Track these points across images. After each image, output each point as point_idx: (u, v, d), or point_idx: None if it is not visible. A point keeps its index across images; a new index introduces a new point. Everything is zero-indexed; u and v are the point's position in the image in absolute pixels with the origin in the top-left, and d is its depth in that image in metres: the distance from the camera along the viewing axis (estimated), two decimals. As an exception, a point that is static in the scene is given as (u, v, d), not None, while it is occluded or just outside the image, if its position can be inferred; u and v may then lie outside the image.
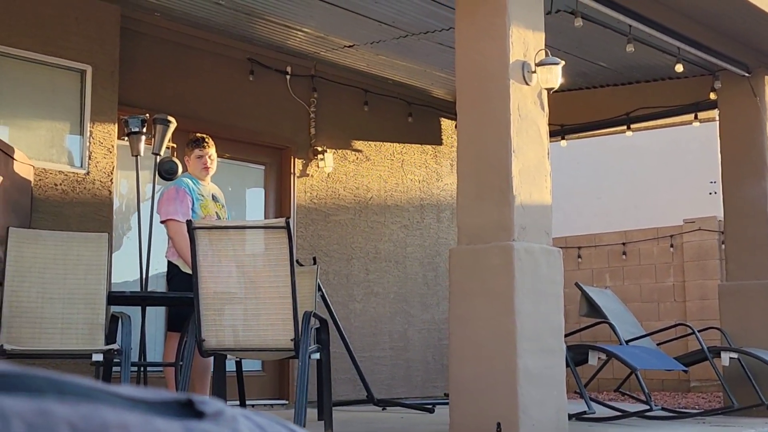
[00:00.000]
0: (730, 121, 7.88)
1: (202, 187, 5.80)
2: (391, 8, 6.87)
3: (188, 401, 0.49)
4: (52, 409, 0.43)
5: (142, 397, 0.48)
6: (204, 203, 5.72)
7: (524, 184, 5.08)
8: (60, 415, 0.43)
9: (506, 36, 5.14)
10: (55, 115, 6.31)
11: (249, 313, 4.56)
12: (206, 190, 5.83)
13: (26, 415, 0.42)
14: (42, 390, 0.44)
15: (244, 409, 0.53)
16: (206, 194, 5.79)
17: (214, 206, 5.80)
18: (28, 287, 4.71)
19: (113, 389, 0.47)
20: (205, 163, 5.79)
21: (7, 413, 0.41)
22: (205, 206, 5.71)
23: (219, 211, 5.83)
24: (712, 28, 7.03)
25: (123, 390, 0.48)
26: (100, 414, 0.44)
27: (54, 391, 0.44)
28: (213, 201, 5.81)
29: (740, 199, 7.73)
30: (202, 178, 5.82)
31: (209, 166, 5.82)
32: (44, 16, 6.24)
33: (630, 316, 7.89)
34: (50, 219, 6.07)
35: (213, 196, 5.84)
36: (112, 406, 0.45)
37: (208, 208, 5.73)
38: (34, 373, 0.45)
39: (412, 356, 8.89)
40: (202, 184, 5.81)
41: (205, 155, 5.79)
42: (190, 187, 5.70)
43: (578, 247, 11.56)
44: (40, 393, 0.44)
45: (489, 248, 5.02)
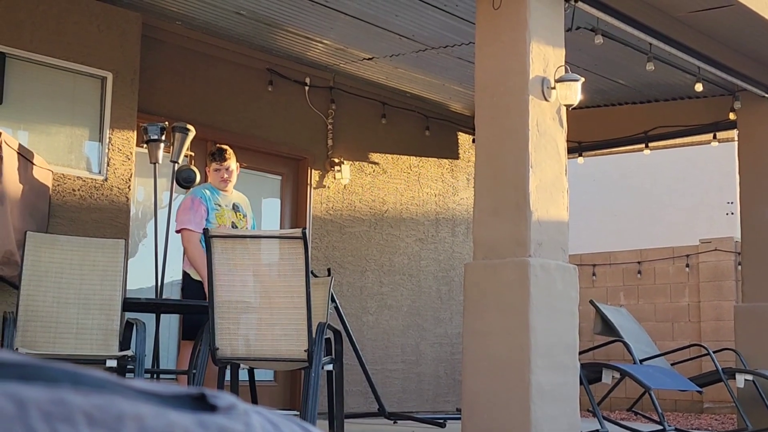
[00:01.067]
0: (749, 142, 7.85)
1: (221, 196, 5.82)
2: (411, 22, 6.88)
3: (201, 395, 0.50)
4: (69, 399, 0.44)
5: (156, 390, 0.49)
6: (220, 213, 5.72)
7: (541, 200, 5.07)
8: (76, 405, 0.43)
9: (526, 52, 5.14)
10: (75, 121, 6.35)
11: (263, 322, 4.56)
12: (227, 199, 5.84)
13: (43, 404, 0.43)
14: (58, 380, 0.45)
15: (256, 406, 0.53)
16: (225, 204, 5.80)
17: (233, 216, 5.80)
18: (44, 291, 4.72)
19: (127, 382, 0.48)
20: (222, 176, 5.81)
21: (25, 402, 0.42)
22: (220, 216, 5.72)
23: (237, 220, 5.82)
24: (732, 48, 7.01)
25: (137, 383, 0.49)
26: (115, 404, 0.45)
27: (70, 382, 0.45)
28: (233, 210, 5.81)
29: (758, 221, 7.68)
30: (222, 189, 5.84)
31: (226, 179, 5.83)
32: (67, 23, 6.28)
33: (644, 335, 7.85)
34: (67, 224, 6.09)
35: (234, 206, 5.85)
36: (127, 398, 0.46)
37: (223, 218, 5.72)
38: (51, 365, 0.46)
39: (424, 370, 8.86)
40: (222, 194, 5.83)
41: (223, 168, 5.81)
42: (206, 197, 5.72)
43: (593, 265, 11.51)
44: (56, 383, 0.45)
45: (504, 263, 5.01)
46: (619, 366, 6.62)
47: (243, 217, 5.89)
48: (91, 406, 0.44)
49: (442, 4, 6.45)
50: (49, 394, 0.43)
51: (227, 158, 5.84)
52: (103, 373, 0.47)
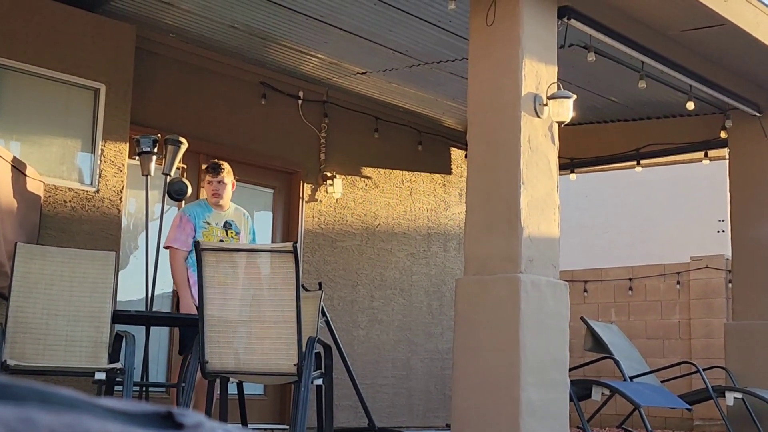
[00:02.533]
0: (740, 160, 7.88)
1: (212, 214, 5.76)
2: (405, 37, 6.90)
3: (168, 413, 0.50)
4: (36, 417, 0.43)
5: (123, 408, 0.49)
6: (207, 231, 5.70)
7: (533, 216, 5.08)
8: (43, 423, 0.43)
9: (519, 68, 5.16)
10: (68, 132, 6.34)
11: (253, 336, 4.55)
12: (219, 217, 5.78)
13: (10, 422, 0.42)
14: (26, 399, 0.45)
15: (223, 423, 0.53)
16: (216, 222, 5.75)
17: (222, 234, 5.75)
18: (33, 303, 4.71)
19: (95, 400, 0.48)
20: (214, 189, 5.76)
21: None
22: (207, 234, 5.69)
23: (227, 238, 5.77)
24: (724, 66, 7.04)
25: (105, 401, 0.48)
26: (83, 423, 0.45)
27: (38, 400, 0.45)
28: (223, 228, 5.76)
29: (748, 239, 7.71)
30: (213, 204, 5.79)
31: (219, 194, 5.76)
32: (60, 34, 6.28)
33: (635, 352, 7.85)
34: (58, 235, 6.08)
35: (227, 224, 5.78)
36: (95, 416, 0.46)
37: (210, 236, 5.69)
38: (19, 383, 0.46)
39: (415, 385, 8.85)
40: (215, 211, 5.77)
41: (215, 182, 5.75)
42: (195, 214, 5.70)
43: (584, 281, 11.52)
44: (24, 401, 0.44)
45: (496, 279, 5.01)
46: (609, 383, 6.62)
47: (235, 234, 5.82)
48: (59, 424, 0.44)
49: (435, 19, 6.47)
50: (17, 413, 0.43)
51: (220, 172, 5.77)
52: (71, 391, 0.47)
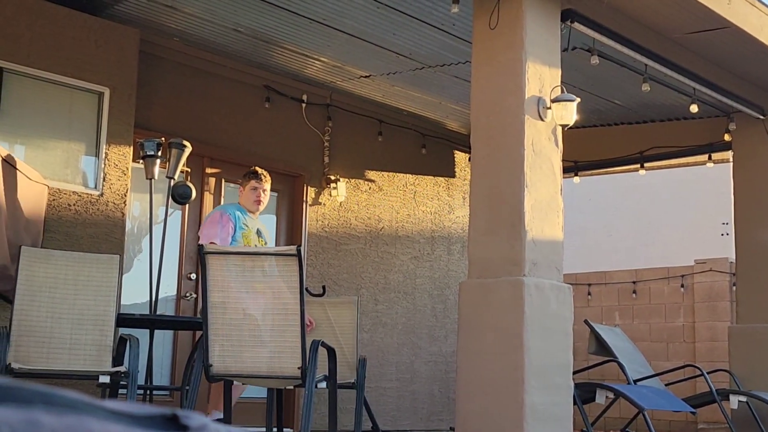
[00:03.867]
0: (743, 163, 7.87)
1: (248, 219, 5.79)
2: (408, 40, 6.91)
3: (173, 416, 0.50)
4: (40, 419, 0.44)
5: (128, 411, 0.49)
6: (246, 233, 5.68)
7: (536, 219, 5.08)
8: (47, 425, 0.44)
9: (522, 72, 5.16)
10: (72, 135, 6.35)
11: (257, 339, 4.55)
12: (253, 222, 5.81)
13: (15, 424, 0.43)
14: (30, 401, 0.45)
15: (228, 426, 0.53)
16: (251, 226, 5.77)
17: (257, 240, 5.76)
18: (37, 306, 4.71)
19: (99, 403, 0.48)
20: (258, 195, 5.80)
21: None
22: (246, 236, 5.67)
23: (260, 246, 5.75)
24: (728, 69, 7.04)
25: (109, 404, 0.49)
26: (86, 425, 0.45)
27: (42, 402, 0.45)
28: (256, 235, 5.78)
29: (753, 242, 7.70)
30: (253, 210, 5.81)
31: (262, 200, 5.82)
32: (64, 38, 6.30)
33: (639, 356, 7.84)
34: (62, 239, 6.09)
35: (258, 231, 5.82)
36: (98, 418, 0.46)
37: (249, 239, 5.68)
38: (23, 386, 0.46)
39: (419, 388, 8.84)
40: (249, 216, 5.80)
41: (260, 188, 5.81)
42: (235, 216, 5.69)
43: (588, 284, 11.51)
44: (28, 404, 0.45)
45: (499, 283, 5.01)
46: (612, 386, 6.61)
47: (265, 244, 5.86)
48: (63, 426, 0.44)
49: (439, 23, 6.48)
50: (21, 415, 0.43)
51: (266, 180, 5.86)
52: (75, 393, 0.47)
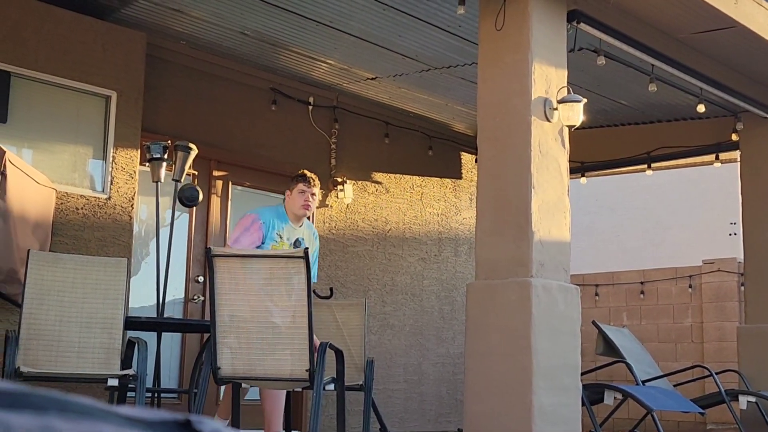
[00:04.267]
0: (751, 163, 7.85)
1: (287, 227, 5.43)
2: (414, 42, 6.91)
3: (186, 421, 0.50)
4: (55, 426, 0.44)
5: (141, 416, 0.49)
6: (277, 246, 5.33)
7: (543, 220, 5.08)
8: None
9: (529, 72, 5.16)
10: (79, 139, 6.37)
11: (265, 342, 4.56)
12: (291, 232, 5.45)
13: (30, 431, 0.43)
14: (45, 408, 0.46)
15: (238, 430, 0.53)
16: (287, 237, 5.41)
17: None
18: (46, 310, 4.72)
19: (113, 408, 0.49)
20: (306, 199, 5.43)
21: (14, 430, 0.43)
22: (276, 249, 5.31)
23: None
24: (735, 69, 7.03)
25: (122, 409, 0.49)
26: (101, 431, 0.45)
27: (57, 409, 0.46)
28: (292, 246, 5.40)
29: (761, 241, 7.68)
30: (299, 216, 5.46)
31: (310, 204, 5.46)
32: (72, 42, 6.31)
33: (647, 356, 7.83)
34: (70, 242, 6.10)
35: (297, 241, 5.45)
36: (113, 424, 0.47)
37: None
38: (38, 392, 0.47)
39: (426, 390, 8.84)
40: (290, 225, 5.45)
41: (308, 192, 5.43)
42: (269, 224, 5.36)
43: (596, 285, 11.49)
44: (43, 411, 0.45)
45: (506, 284, 5.01)
46: (621, 387, 6.60)
47: None
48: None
49: (445, 24, 6.48)
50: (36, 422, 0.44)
51: (316, 184, 5.50)
52: (89, 399, 0.48)
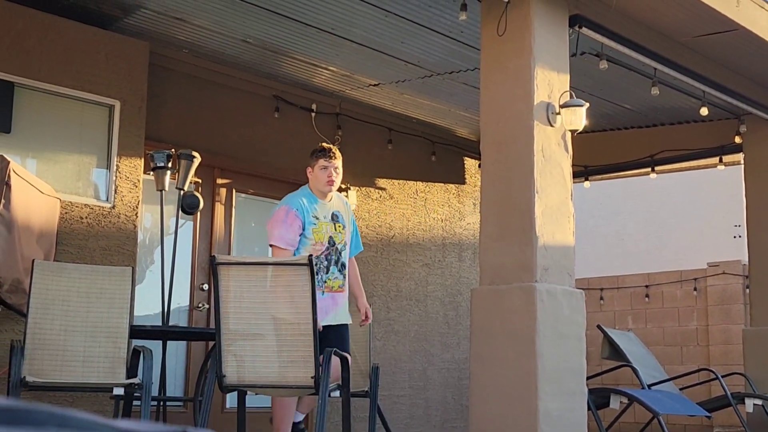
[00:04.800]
0: (755, 165, 7.85)
1: (319, 206, 5.16)
2: (416, 48, 6.92)
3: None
4: None
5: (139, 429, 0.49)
6: (317, 228, 5.09)
7: (547, 225, 5.08)
8: None
9: (531, 78, 5.16)
10: (83, 149, 6.38)
11: (270, 349, 4.56)
12: (325, 209, 5.18)
13: None
14: (45, 424, 0.46)
15: None
16: (323, 215, 5.15)
17: (331, 229, 5.16)
18: (51, 320, 4.73)
19: (112, 422, 0.49)
20: (330, 174, 5.15)
21: None
22: (317, 231, 5.08)
23: (335, 233, 5.17)
24: (737, 72, 7.02)
25: (121, 423, 0.49)
26: None
27: (57, 424, 0.46)
28: (331, 222, 5.17)
29: (765, 244, 7.67)
30: (325, 192, 5.18)
31: (334, 179, 5.17)
32: (74, 52, 6.33)
33: (653, 360, 7.82)
34: (75, 252, 6.11)
35: (333, 216, 5.20)
36: None
37: (320, 233, 5.09)
38: (38, 408, 0.47)
39: (432, 395, 8.83)
40: (321, 202, 5.17)
41: (331, 167, 5.16)
42: (303, 208, 5.08)
43: (601, 289, 11.48)
44: (42, 426, 0.46)
45: (511, 289, 5.01)
46: (627, 391, 6.59)
47: (342, 228, 5.23)
48: None
49: (447, 30, 6.49)
50: None
51: (337, 156, 5.22)
52: (88, 414, 0.48)
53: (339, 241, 5.18)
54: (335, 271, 5.14)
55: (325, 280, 5.08)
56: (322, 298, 4.96)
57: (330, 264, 5.13)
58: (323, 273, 5.07)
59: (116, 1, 6.25)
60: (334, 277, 5.13)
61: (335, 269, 5.14)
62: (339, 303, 5.15)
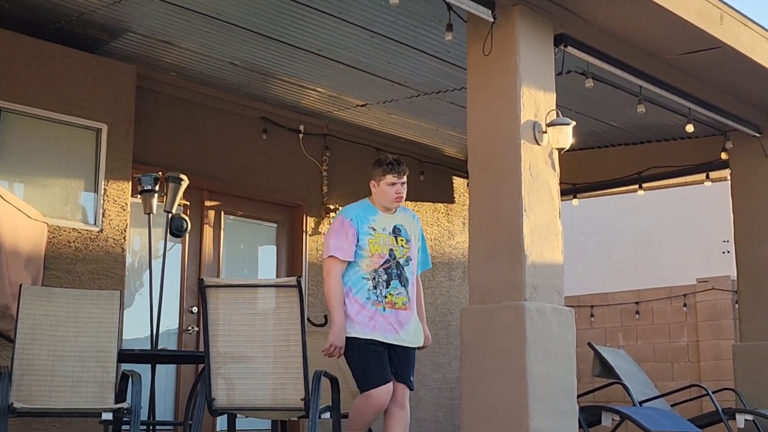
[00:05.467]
0: (741, 181, 7.89)
1: (379, 217, 4.86)
2: (403, 68, 6.94)
3: None
4: None
5: None
6: (374, 239, 4.78)
7: (536, 243, 5.09)
8: None
9: (517, 97, 5.19)
10: (70, 172, 6.37)
11: (259, 371, 4.55)
12: (386, 221, 4.87)
13: None
14: None
15: None
16: (383, 228, 4.83)
17: (391, 242, 4.83)
18: (39, 345, 4.71)
19: None
20: (398, 191, 4.86)
21: None
22: (374, 243, 4.77)
23: (397, 247, 4.84)
24: (722, 89, 7.07)
25: None
26: None
27: None
28: (392, 235, 4.85)
29: (753, 259, 7.69)
30: (391, 208, 4.91)
31: (403, 196, 4.89)
32: (61, 76, 6.33)
33: (643, 377, 7.82)
34: (63, 276, 6.09)
35: (396, 229, 4.88)
36: None
37: (377, 245, 4.77)
38: None
39: (423, 415, 8.80)
40: (381, 214, 4.87)
41: (399, 183, 4.87)
42: (358, 218, 4.81)
43: (591, 306, 11.49)
44: None
45: (500, 308, 5.01)
46: (618, 408, 6.59)
47: (406, 242, 4.88)
48: None
49: (433, 50, 6.52)
50: None
51: (405, 172, 4.94)
52: None
53: (401, 255, 4.84)
54: (398, 285, 4.79)
55: (386, 295, 4.74)
56: (383, 314, 4.71)
57: (391, 278, 4.78)
58: (383, 287, 4.74)
59: (103, 25, 6.26)
60: (397, 293, 4.77)
61: (397, 283, 4.79)
62: (404, 321, 4.80)
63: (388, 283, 4.77)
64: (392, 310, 4.75)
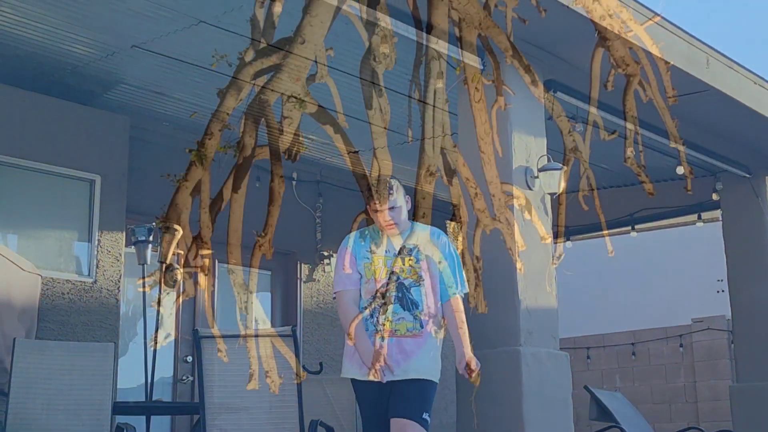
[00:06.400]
0: (733, 222, 7.93)
1: (381, 239, 4.38)
2: (394, 115, 6.98)
3: None
4: None
5: None
6: (370, 263, 4.30)
7: (529, 288, 5.10)
8: None
9: (509, 143, 5.23)
10: (64, 224, 6.38)
11: (255, 421, 4.53)
12: (389, 243, 4.36)
13: None
14: None
15: None
16: (386, 250, 4.33)
17: (398, 263, 4.30)
18: (33, 398, 4.68)
19: None
20: (384, 219, 4.34)
21: None
22: (369, 266, 4.29)
23: (403, 267, 4.29)
24: (711, 131, 7.13)
25: None
26: None
27: None
28: (396, 256, 4.30)
29: (747, 299, 7.71)
30: (389, 235, 4.40)
31: (392, 222, 4.33)
32: (55, 129, 6.36)
33: (641, 420, 7.78)
34: (57, 328, 6.07)
35: (405, 249, 4.33)
36: None
37: (373, 269, 4.29)
38: None
39: (421, 462, 8.72)
40: (383, 236, 4.39)
41: (384, 211, 4.36)
42: (356, 243, 4.41)
43: (587, 348, 11.47)
44: None
45: (496, 353, 5.01)
46: (616, 452, 6.55)
47: (415, 262, 4.30)
48: None
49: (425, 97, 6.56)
50: None
51: (388, 196, 4.44)
52: None
53: (406, 276, 4.25)
54: (399, 310, 4.17)
55: (383, 322, 4.15)
56: (382, 344, 4.13)
57: (389, 303, 4.20)
58: (379, 314, 4.17)
59: (96, 77, 6.31)
60: (397, 318, 4.15)
61: (398, 308, 4.17)
62: (410, 352, 4.19)
63: (386, 309, 4.20)
64: (394, 338, 4.14)
